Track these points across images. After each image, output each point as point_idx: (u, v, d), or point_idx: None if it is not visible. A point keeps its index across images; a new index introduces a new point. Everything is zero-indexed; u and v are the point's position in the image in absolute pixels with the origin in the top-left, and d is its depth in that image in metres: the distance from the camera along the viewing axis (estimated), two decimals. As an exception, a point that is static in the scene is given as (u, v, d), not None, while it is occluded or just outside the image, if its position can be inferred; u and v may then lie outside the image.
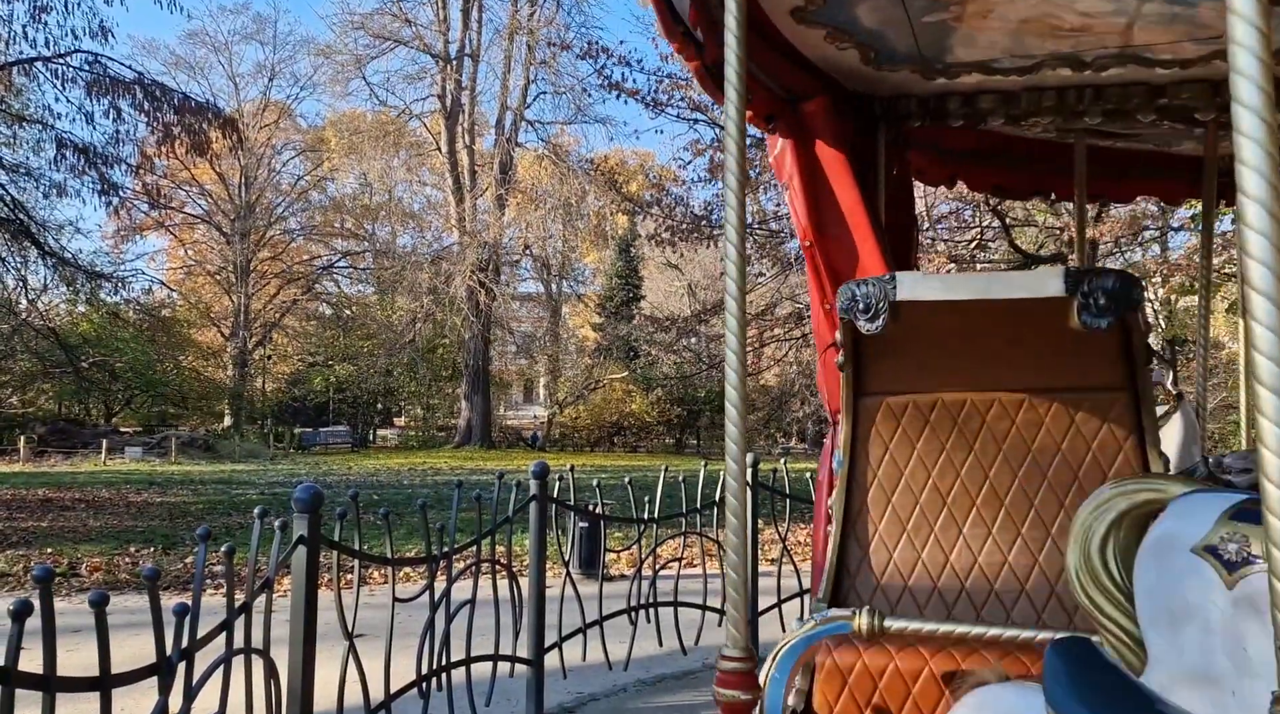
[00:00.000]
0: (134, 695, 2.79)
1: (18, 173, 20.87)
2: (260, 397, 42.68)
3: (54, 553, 9.89)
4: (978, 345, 2.97)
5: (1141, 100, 3.79)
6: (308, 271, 45.01)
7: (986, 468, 2.95)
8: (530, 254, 44.36)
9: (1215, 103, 3.67)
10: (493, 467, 21.58)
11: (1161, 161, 5.05)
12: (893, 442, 3.00)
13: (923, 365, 2.97)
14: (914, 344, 2.91)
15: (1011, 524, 2.90)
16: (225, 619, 2.91)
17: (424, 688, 3.89)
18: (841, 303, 2.72)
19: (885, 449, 2.99)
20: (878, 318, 2.64)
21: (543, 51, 37.93)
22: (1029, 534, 2.89)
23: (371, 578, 8.04)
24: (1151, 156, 5.01)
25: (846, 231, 3.50)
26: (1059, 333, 2.68)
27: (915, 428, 3.00)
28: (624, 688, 5.12)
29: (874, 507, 2.97)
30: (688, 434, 40.68)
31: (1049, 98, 3.84)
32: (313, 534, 3.23)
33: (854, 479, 2.98)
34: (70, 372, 29.31)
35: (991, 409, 2.99)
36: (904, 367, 2.98)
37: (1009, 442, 2.95)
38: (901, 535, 2.94)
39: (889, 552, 2.93)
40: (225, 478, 21.37)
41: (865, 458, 3.01)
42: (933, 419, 2.99)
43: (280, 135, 44.59)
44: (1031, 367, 2.95)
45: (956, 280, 3.11)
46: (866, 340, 2.81)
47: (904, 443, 2.99)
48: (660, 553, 5.78)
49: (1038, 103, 3.86)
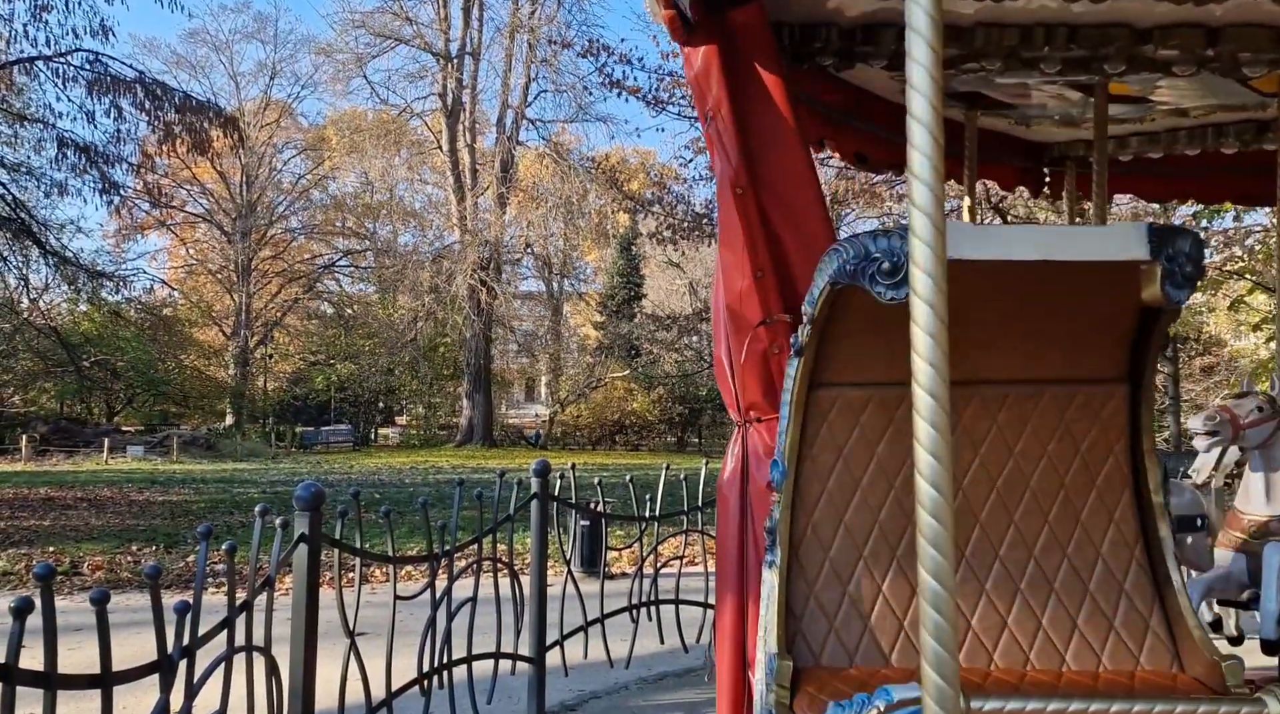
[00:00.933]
0: (135, 693, 2.79)
1: (19, 172, 20.91)
2: (262, 395, 42.70)
3: (56, 551, 9.90)
4: (965, 323, 2.29)
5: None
6: (309, 270, 45.03)
7: (960, 479, 2.51)
8: (531, 252, 44.37)
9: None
10: (494, 465, 21.58)
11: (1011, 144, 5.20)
12: (848, 445, 2.51)
13: (893, 349, 2.22)
14: (887, 322, 2.24)
15: (988, 546, 2.50)
16: (227, 617, 2.91)
17: (425, 686, 3.89)
18: (842, 263, 2.05)
19: (838, 455, 2.51)
20: (907, 281, 1.91)
21: (544, 50, 37.91)
22: (1008, 556, 2.50)
23: (373, 576, 8.05)
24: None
25: (785, 177, 2.94)
26: (1063, 308, 2.33)
27: (876, 428, 2.52)
28: (625, 686, 5.12)
29: (822, 528, 2.49)
30: (689, 432, 40.68)
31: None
32: (314, 532, 3.22)
33: (798, 494, 2.48)
34: (72, 371, 29.37)
35: (970, 406, 2.54)
36: (868, 350, 2.43)
37: (987, 446, 2.53)
38: (857, 563, 2.47)
39: (843, 585, 2.46)
40: (227, 477, 21.38)
41: (813, 466, 2.50)
42: (898, 417, 2.50)
43: (281, 134, 44.62)
44: (1021, 351, 2.50)
45: (1016, 234, 2.36)
46: (837, 317, 2.30)
47: (862, 446, 2.51)
48: (661, 551, 5.77)
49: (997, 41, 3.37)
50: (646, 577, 5.45)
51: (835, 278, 2.09)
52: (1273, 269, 10.85)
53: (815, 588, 2.46)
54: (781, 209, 2.95)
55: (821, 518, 2.50)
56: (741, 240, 2.93)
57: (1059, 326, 2.44)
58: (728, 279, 2.99)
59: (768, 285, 2.91)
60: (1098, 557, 2.53)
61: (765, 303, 2.92)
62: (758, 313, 2.92)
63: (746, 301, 2.95)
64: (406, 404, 45.59)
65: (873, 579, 2.47)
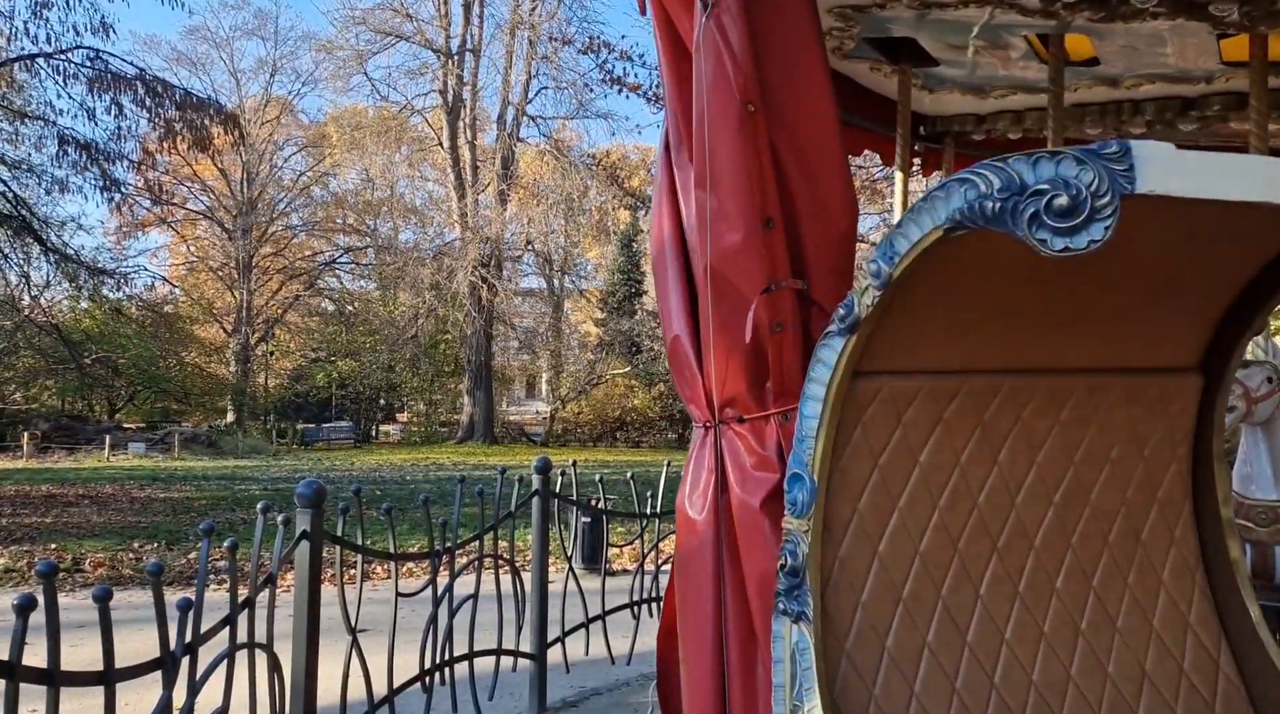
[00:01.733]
0: (138, 690, 2.80)
1: (20, 169, 20.90)
2: (263, 392, 42.70)
3: (58, 549, 9.91)
4: (1039, 294, 1.93)
5: None
6: (310, 267, 44.99)
7: (1013, 493, 2.07)
8: (532, 249, 44.32)
9: None
10: (495, 462, 21.57)
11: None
12: (886, 452, 2.00)
13: (955, 324, 1.94)
14: (952, 288, 1.87)
15: (1044, 577, 2.07)
16: (229, 614, 2.92)
17: (427, 683, 3.90)
18: (973, 200, 1.50)
19: (873, 465, 2.00)
20: (1091, 224, 1.37)
21: (544, 46, 37.87)
22: (1066, 589, 2.08)
23: (374, 573, 8.05)
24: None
25: (801, 103, 2.37)
26: (1150, 281, 1.90)
27: (922, 429, 2.02)
28: (626, 682, 5.13)
29: (853, 564, 1.96)
30: (689, 430, 40.61)
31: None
32: (316, 529, 3.23)
33: (830, 515, 1.95)
34: (73, 368, 29.38)
35: (1032, 401, 2.08)
36: (922, 327, 1.93)
37: (1046, 451, 2.10)
38: (896, 609, 1.97)
39: (880, 638, 1.96)
40: (228, 474, 21.38)
41: (842, 481, 1.97)
42: (949, 414, 2.02)
43: (282, 131, 44.53)
44: (1094, 333, 2.06)
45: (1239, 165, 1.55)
46: (907, 283, 1.74)
47: (903, 454, 2.02)
48: (663, 547, 5.78)
49: None
50: (648, 573, 5.46)
51: (958, 219, 1.53)
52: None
53: (848, 644, 1.92)
54: (792, 144, 2.35)
55: (852, 550, 1.95)
56: (745, 177, 2.29)
57: (1140, 303, 2.01)
58: (715, 231, 2.35)
59: (775, 240, 2.30)
60: (1159, 585, 2.18)
61: (771, 262, 2.29)
62: (760, 276, 2.28)
63: (744, 260, 2.31)
64: (407, 401, 45.56)
65: (915, 628, 1.96)
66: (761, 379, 2.36)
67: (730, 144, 2.32)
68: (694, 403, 2.56)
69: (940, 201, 1.59)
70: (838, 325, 1.89)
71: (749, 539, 2.29)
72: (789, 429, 2.18)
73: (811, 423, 1.94)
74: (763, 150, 2.32)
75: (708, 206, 2.37)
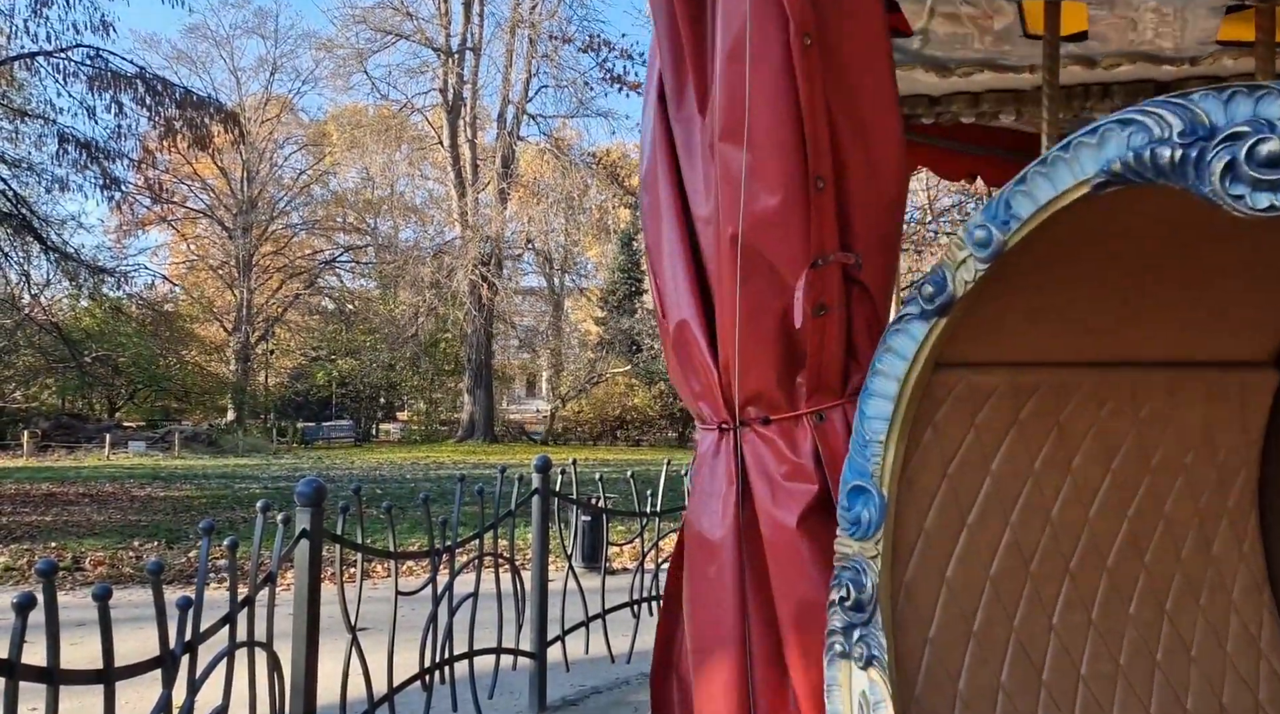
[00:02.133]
0: (138, 688, 2.80)
1: (20, 168, 20.89)
2: (263, 391, 42.72)
3: (58, 547, 9.91)
4: (1127, 274, 1.67)
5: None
6: (310, 266, 45.00)
7: (1086, 505, 1.83)
8: (532, 248, 44.32)
9: None
10: (495, 461, 21.58)
11: None
12: (956, 458, 1.73)
13: (1033, 310, 1.65)
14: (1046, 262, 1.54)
15: (1118, 602, 1.83)
16: (228, 613, 2.92)
17: (427, 681, 3.90)
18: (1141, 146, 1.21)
19: (942, 474, 1.72)
20: None
21: (544, 45, 37.87)
22: (1140, 616, 1.84)
23: (374, 572, 8.05)
24: None
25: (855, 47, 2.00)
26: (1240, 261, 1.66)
27: (996, 432, 1.76)
28: (626, 681, 5.12)
29: (919, 593, 1.68)
30: (690, 428, 40.61)
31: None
32: (315, 528, 3.23)
33: (895, 536, 1.64)
34: (73, 366, 29.37)
35: (1111, 399, 1.84)
36: (1005, 312, 1.65)
37: (1122, 457, 1.87)
38: (967, 645, 1.70)
39: (953, 682, 1.67)
40: (228, 472, 21.39)
41: (908, 493, 1.67)
42: (1025, 415, 1.77)
43: (282, 130, 44.55)
44: (1177, 321, 1.81)
45: None
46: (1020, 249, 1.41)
47: (975, 460, 1.74)
48: (662, 546, 5.78)
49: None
50: (648, 572, 5.46)
51: (1117, 172, 1.23)
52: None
53: (917, 689, 1.65)
54: (843, 88, 1.99)
55: (919, 577, 1.67)
56: (791, 127, 1.94)
57: (1226, 288, 1.77)
58: (748, 193, 1.99)
59: (825, 204, 1.97)
60: (1230, 606, 1.98)
61: (819, 231, 1.95)
62: (802, 247, 1.94)
63: (784, 228, 1.96)
64: (408, 400, 45.58)
65: (987, 666, 1.70)
66: (793, 372, 2.02)
67: (775, 86, 1.94)
68: (704, 400, 2.18)
69: (1088, 150, 1.27)
70: (922, 306, 1.55)
71: (783, 563, 1.94)
72: (825, 432, 1.94)
73: (878, 425, 1.62)
74: (816, 94, 1.92)
75: (742, 163, 1.97)
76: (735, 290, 2.02)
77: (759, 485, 2.02)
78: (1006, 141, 4.82)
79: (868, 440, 1.64)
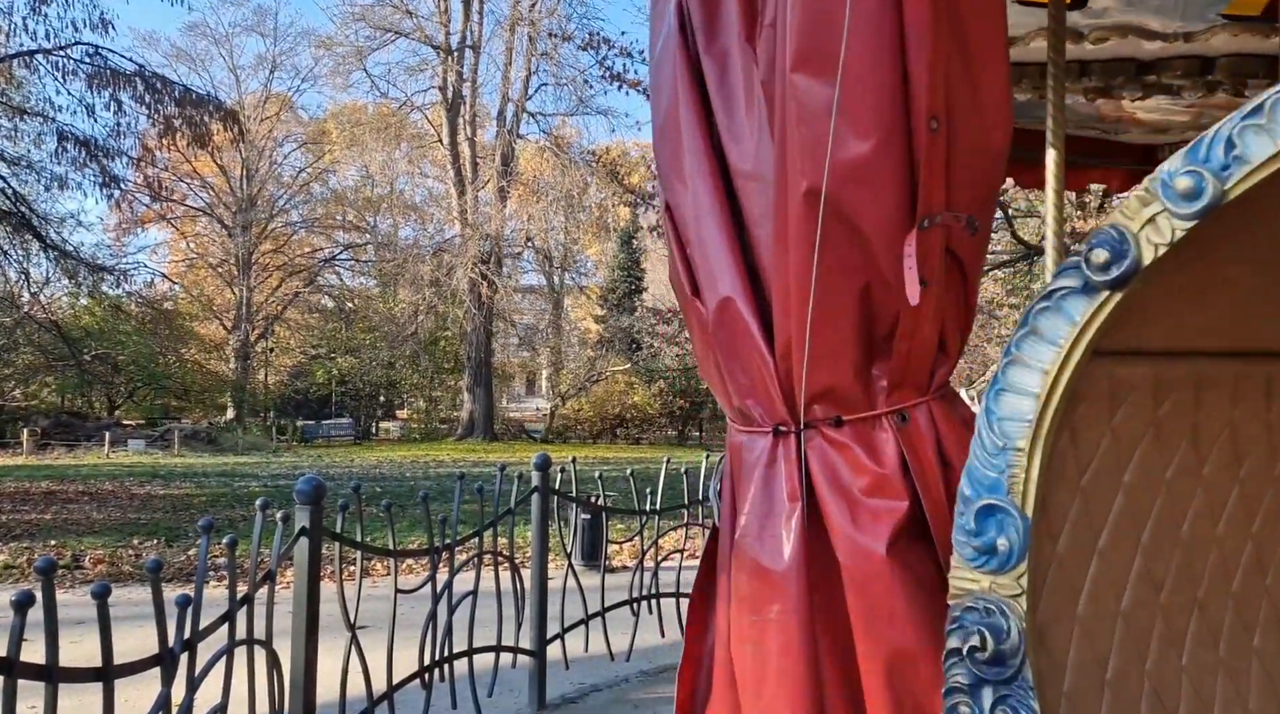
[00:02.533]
0: (137, 686, 2.80)
1: (19, 165, 20.88)
2: (263, 389, 42.71)
3: (57, 545, 9.91)
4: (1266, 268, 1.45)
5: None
6: (309, 264, 44.98)
7: (1215, 521, 1.57)
8: (532, 246, 44.32)
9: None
10: (495, 459, 21.58)
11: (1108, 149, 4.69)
12: (1089, 470, 1.45)
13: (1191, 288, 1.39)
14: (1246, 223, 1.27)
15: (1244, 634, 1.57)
16: (228, 611, 2.92)
17: (426, 679, 3.90)
18: None
19: (1075, 489, 1.45)
20: None
21: (544, 43, 37.82)
22: (1264, 648, 1.58)
23: (374, 570, 8.05)
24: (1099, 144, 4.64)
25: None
26: None
27: (1131, 436, 1.49)
28: (626, 679, 5.13)
29: (1053, 634, 1.39)
30: (690, 426, 40.65)
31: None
32: (315, 526, 3.23)
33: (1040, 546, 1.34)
34: (73, 365, 29.36)
35: (1247, 397, 1.61)
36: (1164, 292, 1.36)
37: (1249, 464, 1.61)
38: (1102, 695, 1.42)
39: None
40: (228, 470, 21.39)
41: (1040, 515, 1.35)
42: (1161, 415, 1.51)
43: (281, 128, 44.52)
44: None
45: None
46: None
47: (1109, 472, 1.47)
48: (662, 544, 5.78)
49: None
50: (647, 570, 5.45)
51: None
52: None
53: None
54: (953, 18, 1.64)
55: (1051, 615, 1.39)
56: (892, 56, 1.61)
57: None
58: (837, 137, 1.62)
59: (935, 152, 1.63)
60: None
61: (928, 184, 1.62)
62: (901, 203, 1.62)
63: (879, 180, 1.62)
64: (407, 398, 45.58)
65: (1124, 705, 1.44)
66: (873, 362, 1.73)
67: (873, 3, 1.61)
68: (752, 397, 1.84)
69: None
70: (1088, 277, 1.24)
71: (871, 601, 1.61)
72: (910, 436, 1.67)
73: (1016, 428, 1.33)
74: (932, 11, 1.58)
75: (832, 100, 1.61)
76: (808, 259, 1.64)
77: (832, 503, 1.68)
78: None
79: (1001, 447, 1.34)
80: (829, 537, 1.68)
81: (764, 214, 1.80)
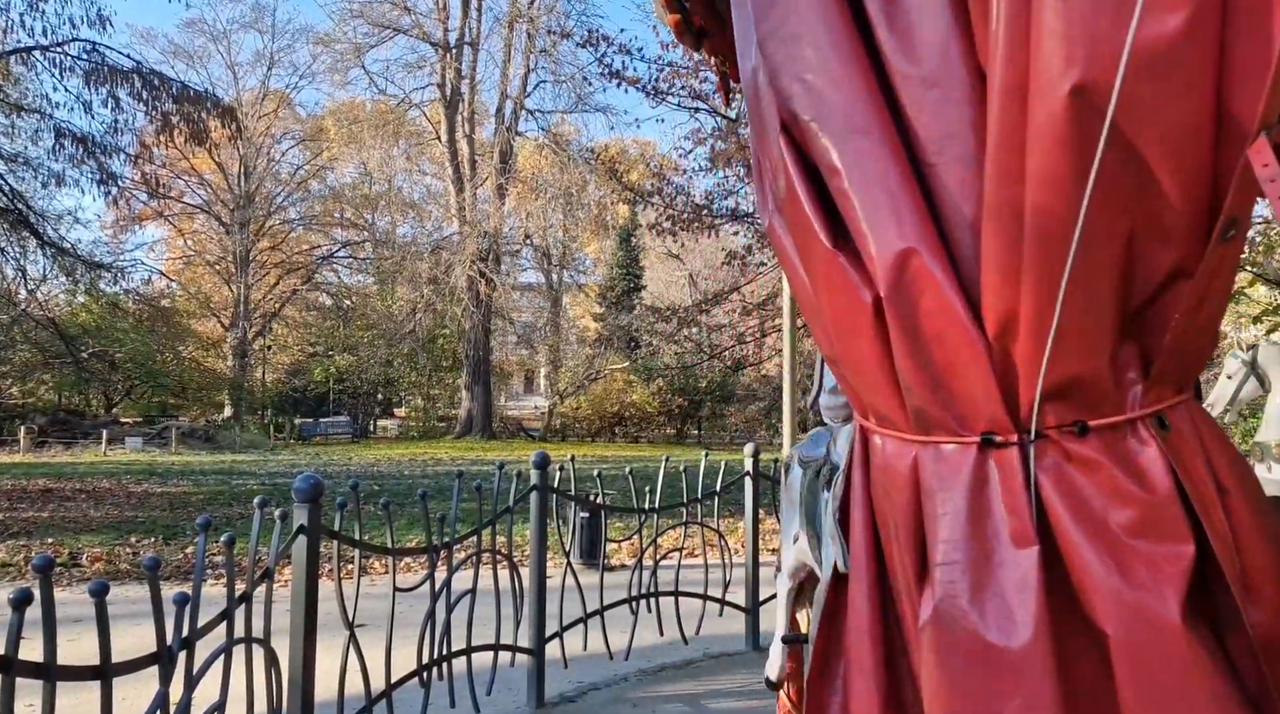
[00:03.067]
0: (135, 685, 2.79)
1: (16, 162, 20.84)
2: (260, 387, 42.70)
3: (55, 543, 9.89)
4: None
5: None
6: (307, 262, 44.96)
7: None
8: (531, 244, 44.30)
9: None
10: (493, 457, 21.58)
11: None
12: None
13: None
14: None
15: None
16: (226, 609, 2.91)
17: (425, 677, 3.90)
18: None
19: None
20: None
21: (543, 40, 37.78)
22: None
23: (372, 568, 8.05)
24: None
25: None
26: None
27: None
28: (625, 677, 5.12)
29: None
30: (689, 424, 40.68)
31: None
32: (313, 524, 3.22)
33: None
34: (70, 362, 29.32)
35: None
36: None
37: None
38: None
39: None
40: (225, 468, 21.37)
41: None
42: None
43: (279, 125, 44.48)
44: None
45: None
46: None
47: None
48: (661, 543, 5.78)
49: None
50: (646, 569, 5.45)
51: None
52: (1275, 261, 10.78)
53: None
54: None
55: None
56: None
57: None
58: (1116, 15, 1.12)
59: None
60: None
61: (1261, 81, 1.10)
62: (1212, 106, 1.12)
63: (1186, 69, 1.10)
64: (405, 396, 45.57)
65: None
66: (1129, 345, 1.26)
67: None
68: (947, 391, 1.34)
69: None
70: None
71: (1163, 686, 1.15)
72: (1176, 447, 1.23)
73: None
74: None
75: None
76: (1063, 193, 1.15)
77: (1085, 547, 1.21)
78: None
79: None
80: (1084, 595, 1.21)
81: (948, 134, 1.31)
